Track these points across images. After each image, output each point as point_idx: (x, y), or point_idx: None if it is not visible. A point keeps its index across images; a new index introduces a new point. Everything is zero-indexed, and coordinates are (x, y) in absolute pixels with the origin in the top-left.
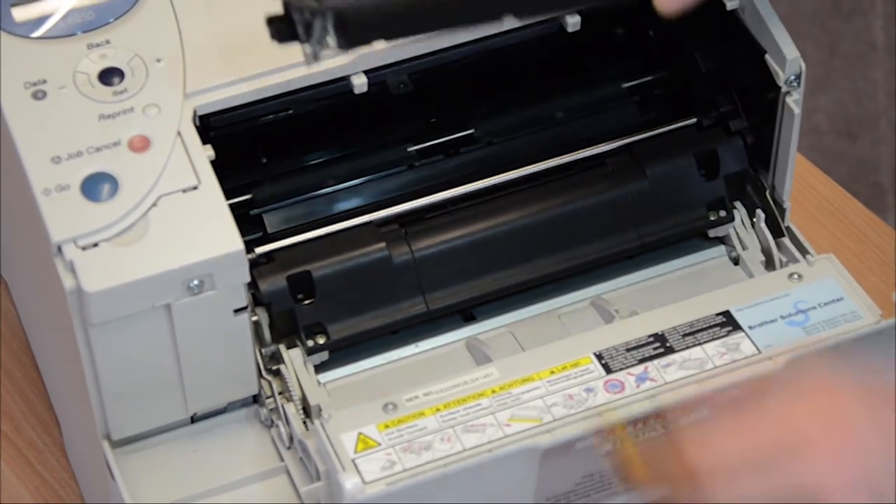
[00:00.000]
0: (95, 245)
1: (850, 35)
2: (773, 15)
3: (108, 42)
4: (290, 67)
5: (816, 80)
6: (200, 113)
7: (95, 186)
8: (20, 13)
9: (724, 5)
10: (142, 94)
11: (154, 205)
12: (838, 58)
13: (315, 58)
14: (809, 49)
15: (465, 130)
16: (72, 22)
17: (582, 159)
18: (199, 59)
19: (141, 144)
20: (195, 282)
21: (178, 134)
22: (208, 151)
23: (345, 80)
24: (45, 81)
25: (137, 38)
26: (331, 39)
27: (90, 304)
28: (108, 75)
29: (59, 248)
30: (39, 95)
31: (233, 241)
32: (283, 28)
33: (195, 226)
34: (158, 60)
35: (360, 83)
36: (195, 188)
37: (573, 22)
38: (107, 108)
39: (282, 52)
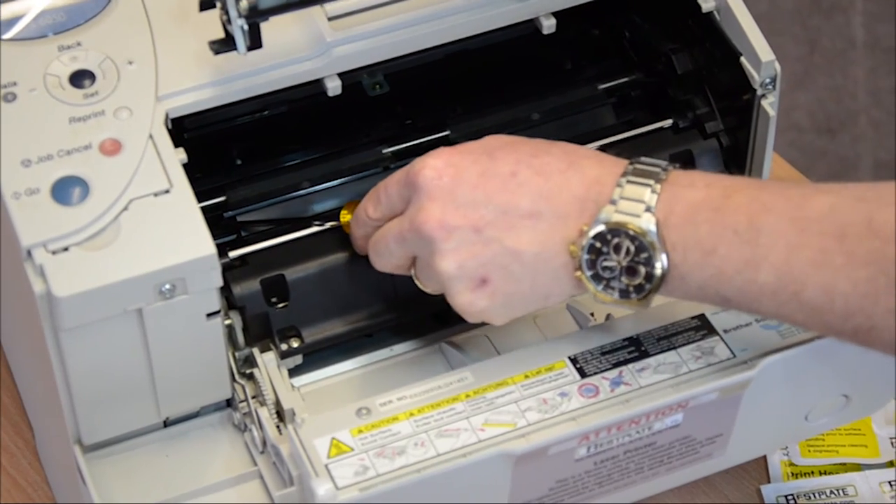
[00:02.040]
0: (66, 249)
1: (831, 32)
2: (748, 17)
3: (79, 44)
4: (263, 70)
5: (796, 77)
6: (173, 116)
7: (66, 190)
8: None
9: (699, 8)
10: (113, 97)
11: (125, 209)
12: (818, 54)
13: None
14: (789, 46)
15: (440, 132)
16: (43, 23)
17: None
18: (172, 61)
19: (112, 148)
20: (167, 286)
21: (150, 137)
22: (180, 155)
23: (318, 82)
24: (15, 84)
25: (109, 40)
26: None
27: (60, 309)
28: (79, 78)
29: (30, 253)
30: (9, 98)
31: (205, 245)
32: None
33: (167, 230)
34: (130, 63)
35: (333, 86)
36: (167, 192)
37: (549, 24)
38: (78, 110)
39: (254, 54)
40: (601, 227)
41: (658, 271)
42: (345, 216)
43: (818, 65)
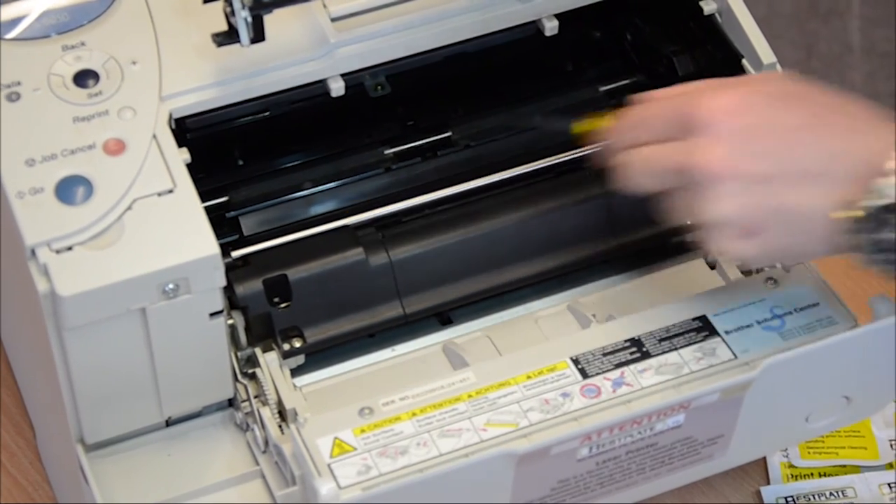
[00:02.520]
0: (70, 248)
1: (828, 36)
2: (749, 19)
3: (83, 44)
4: (267, 70)
5: None
6: (176, 116)
7: (70, 189)
8: None
9: (701, 10)
10: (117, 97)
11: (129, 208)
12: (815, 59)
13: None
14: (787, 50)
15: (442, 133)
16: (46, 23)
17: (559, 163)
18: (175, 61)
19: (116, 147)
20: (170, 286)
21: (154, 137)
22: (184, 155)
23: (321, 83)
24: (19, 83)
25: (113, 40)
26: None
27: (64, 308)
28: (83, 77)
29: (33, 252)
30: (13, 97)
31: (208, 244)
32: None
33: (170, 229)
34: (134, 63)
35: (337, 87)
36: (170, 191)
37: (551, 26)
38: (81, 110)
39: (257, 55)
40: (881, 200)
41: None
42: (581, 126)
43: (815, 69)
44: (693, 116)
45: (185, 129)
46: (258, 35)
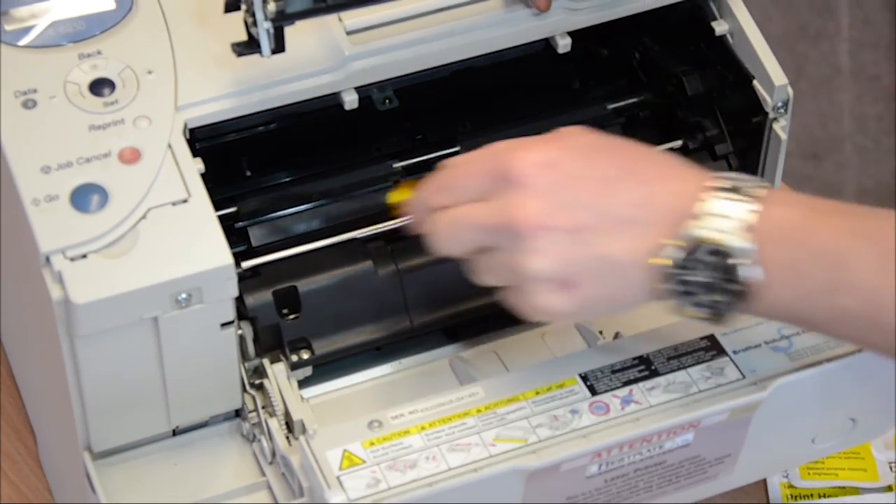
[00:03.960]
0: (84, 256)
1: (817, 58)
2: (762, 41)
3: (99, 53)
4: (282, 82)
5: None
6: (191, 126)
7: (85, 197)
8: (9, 21)
9: (712, 31)
10: (133, 106)
11: (143, 217)
12: (804, 81)
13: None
14: None
15: (450, 147)
16: (63, 31)
17: None
18: (191, 71)
19: (131, 156)
20: (183, 295)
21: (169, 146)
22: (198, 164)
23: (333, 95)
24: (35, 91)
25: (129, 49)
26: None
27: (77, 316)
28: (99, 86)
29: (48, 259)
30: (30, 105)
31: (222, 255)
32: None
33: (184, 239)
34: (150, 72)
35: (350, 100)
36: (185, 201)
37: (564, 44)
38: (97, 118)
39: (273, 67)
40: (690, 242)
41: (745, 289)
42: (394, 196)
43: (804, 91)
44: (505, 173)
45: (195, 139)
46: (279, 46)
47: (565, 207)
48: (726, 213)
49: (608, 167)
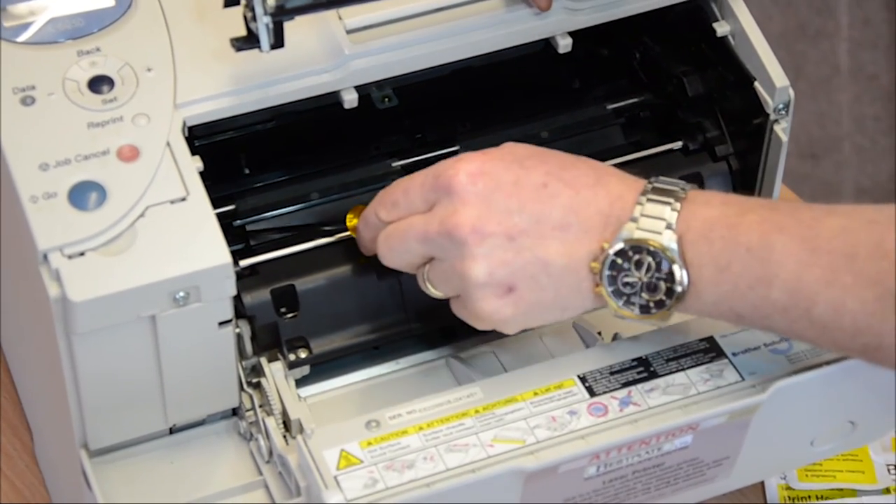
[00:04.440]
0: (82, 254)
1: (816, 58)
2: (763, 43)
3: (98, 49)
4: (281, 80)
5: None
6: (190, 124)
7: (83, 195)
8: (8, 18)
9: (713, 32)
10: (131, 104)
11: (142, 215)
12: (803, 80)
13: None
14: None
15: (450, 147)
16: (61, 28)
17: None
18: (190, 69)
19: (130, 154)
20: (181, 293)
21: (168, 144)
22: (197, 163)
23: (332, 94)
24: (33, 87)
25: (128, 46)
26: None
27: (75, 314)
28: (98, 83)
29: (45, 256)
30: (28, 101)
31: (220, 253)
32: None
33: (183, 237)
34: (149, 70)
35: (350, 99)
36: (183, 199)
37: (564, 44)
38: (96, 116)
39: (272, 65)
40: (622, 244)
41: (678, 287)
42: (351, 220)
43: (803, 90)
44: (444, 185)
45: (194, 137)
46: (278, 41)
47: (501, 213)
48: (657, 214)
49: (541, 174)
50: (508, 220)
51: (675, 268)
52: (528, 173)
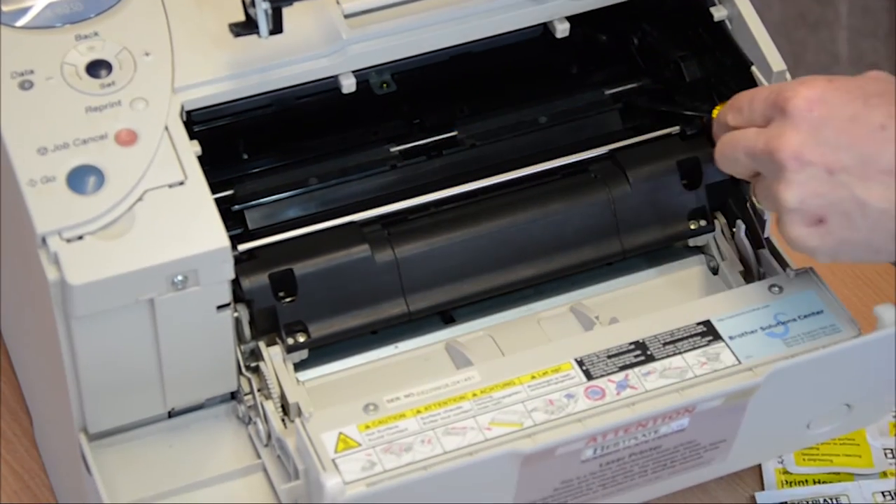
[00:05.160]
0: (80, 238)
1: (815, 46)
2: (760, 27)
3: (96, 34)
4: (279, 65)
5: None
6: (188, 108)
7: (81, 179)
8: (6, 2)
9: (711, 16)
10: (129, 88)
11: (140, 199)
12: (803, 69)
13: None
14: None
15: (448, 132)
16: (60, 12)
17: (565, 165)
18: (188, 54)
19: (128, 138)
20: (179, 277)
21: (166, 128)
22: (195, 147)
23: (331, 79)
24: (32, 72)
25: (126, 31)
26: None
27: (73, 297)
28: (96, 67)
29: (44, 240)
30: (26, 86)
31: (219, 237)
32: None
33: (181, 221)
34: (147, 54)
35: (348, 83)
36: (181, 183)
37: (562, 28)
38: (94, 100)
39: (270, 50)
40: None
41: None
42: (715, 112)
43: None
44: (782, 104)
45: (192, 122)
46: (277, 27)
47: (826, 145)
48: None
49: (883, 115)
50: (832, 154)
51: None
52: (870, 112)
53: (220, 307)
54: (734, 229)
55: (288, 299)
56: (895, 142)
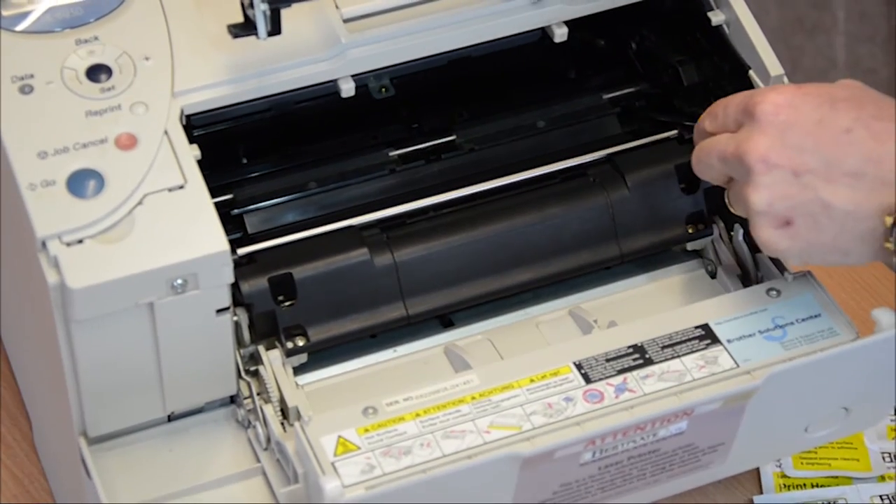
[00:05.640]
0: (80, 241)
1: (812, 51)
2: (758, 32)
3: (96, 38)
4: (278, 69)
5: None
6: (188, 112)
7: (81, 183)
8: (6, 6)
9: (708, 21)
10: (129, 92)
11: (140, 203)
12: (800, 73)
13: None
14: None
15: (446, 137)
16: (59, 17)
17: (563, 169)
18: (188, 58)
19: (128, 142)
20: (179, 281)
21: (166, 133)
22: (195, 151)
23: (329, 83)
24: (32, 76)
25: (126, 35)
26: None
27: (73, 301)
28: (96, 72)
29: (44, 244)
30: (26, 90)
31: (218, 241)
32: None
33: (180, 225)
34: (147, 58)
35: (347, 88)
36: (181, 187)
37: (560, 33)
38: (94, 104)
39: (269, 53)
40: None
41: None
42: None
43: (799, 84)
44: (751, 109)
45: (192, 126)
46: (275, 28)
47: (792, 148)
48: None
49: (849, 119)
50: (798, 157)
51: None
52: (836, 115)
53: (219, 311)
54: (732, 233)
55: (287, 303)
56: (860, 145)
